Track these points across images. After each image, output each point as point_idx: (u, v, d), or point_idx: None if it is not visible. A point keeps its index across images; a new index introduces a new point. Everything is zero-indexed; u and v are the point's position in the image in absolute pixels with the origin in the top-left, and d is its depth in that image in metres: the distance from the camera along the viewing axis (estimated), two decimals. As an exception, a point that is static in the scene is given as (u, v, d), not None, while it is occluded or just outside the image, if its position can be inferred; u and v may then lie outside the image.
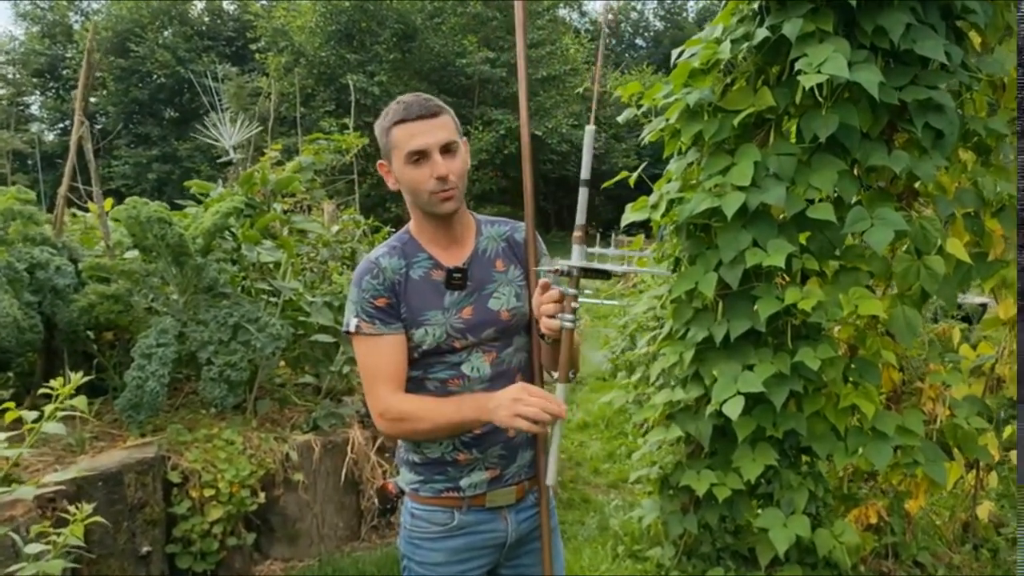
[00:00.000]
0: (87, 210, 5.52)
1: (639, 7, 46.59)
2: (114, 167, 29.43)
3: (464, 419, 1.76)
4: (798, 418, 3.64)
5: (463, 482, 1.91)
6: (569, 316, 1.74)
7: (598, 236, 18.74)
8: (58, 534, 2.01)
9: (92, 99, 33.91)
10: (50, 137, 33.95)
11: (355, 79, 22.39)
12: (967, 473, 4.06)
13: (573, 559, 3.96)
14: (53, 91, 35.07)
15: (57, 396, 1.85)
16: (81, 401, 1.87)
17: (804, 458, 3.80)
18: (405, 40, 25.27)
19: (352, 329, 1.84)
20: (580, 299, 1.82)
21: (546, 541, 1.92)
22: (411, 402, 1.81)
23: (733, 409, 3.47)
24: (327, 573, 3.82)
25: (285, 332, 4.07)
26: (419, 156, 1.78)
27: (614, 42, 46.43)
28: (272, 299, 4.44)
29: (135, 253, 4.20)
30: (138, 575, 3.43)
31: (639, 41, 46.01)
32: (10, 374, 4.28)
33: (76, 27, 35.17)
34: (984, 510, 3.98)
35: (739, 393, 3.52)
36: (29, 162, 27.80)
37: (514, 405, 1.65)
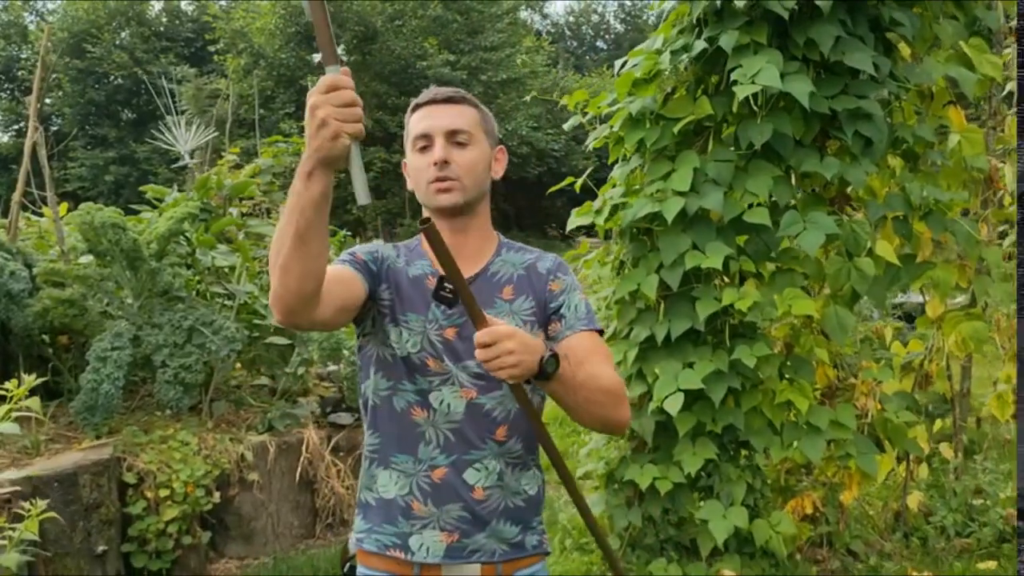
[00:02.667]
0: (41, 215, 5.53)
1: (600, 9, 47.00)
2: (70, 169, 29.04)
3: (291, 192, 1.36)
4: (736, 413, 3.80)
5: (412, 540, 1.60)
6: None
7: (559, 239, 18.91)
8: (13, 529, 2.08)
9: (48, 101, 33.39)
10: (4, 139, 33.38)
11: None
12: (898, 465, 4.25)
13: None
14: (8, 92, 34.50)
15: (11, 397, 1.93)
16: (35, 402, 1.95)
17: (743, 452, 3.96)
18: (365, 42, 25.27)
19: None
20: None
21: None
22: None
23: (673, 405, 3.62)
24: (282, 571, 3.90)
25: (240, 335, 4.16)
26: (424, 141, 1.63)
27: (575, 44, 46.75)
28: (227, 302, 4.51)
29: (90, 258, 4.24)
30: (94, 574, 3.49)
31: (600, 43, 46.41)
32: (-36, 378, 4.30)
33: (31, 27, 34.62)
34: (914, 500, 4.18)
35: (679, 390, 3.67)
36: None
37: (315, 118, 1.28)
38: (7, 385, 1.96)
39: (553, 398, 1.54)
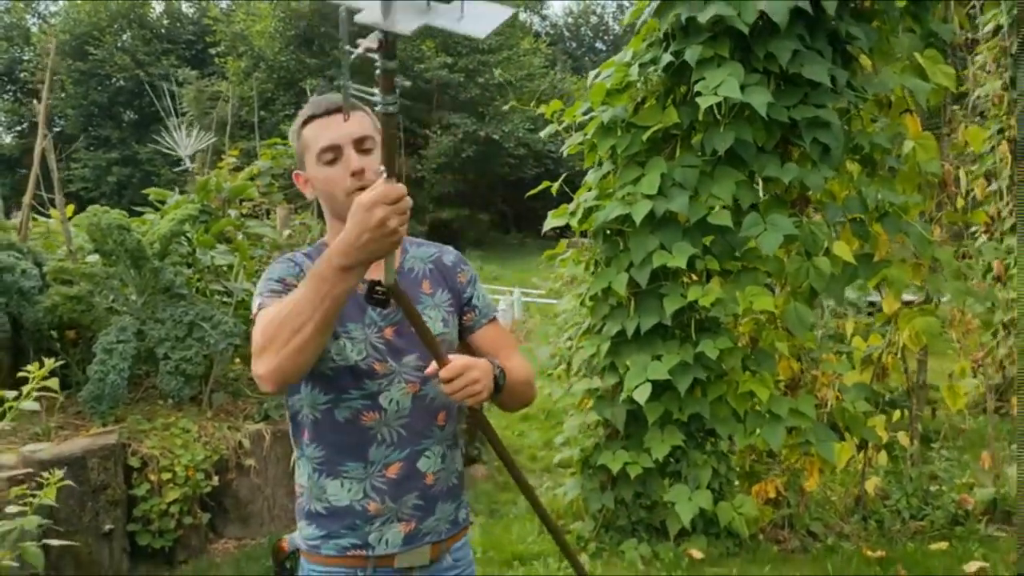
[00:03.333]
0: (48, 216, 5.80)
1: (599, 11, 47.20)
2: (74, 170, 29.28)
3: (322, 277, 1.38)
4: (702, 403, 4.07)
5: (372, 538, 1.65)
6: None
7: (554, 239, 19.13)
8: (34, 495, 2.35)
9: (50, 102, 33.65)
10: (7, 140, 33.66)
11: (314, 83, 22.60)
12: (858, 453, 4.50)
13: (503, 534, 4.36)
14: (10, 94, 34.76)
15: (33, 378, 2.19)
16: (54, 382, 2.20)
17: (709, 439, 4.21)
18: (365, 45, 25.52)
19: (256, 309, 1.58)
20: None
21: None
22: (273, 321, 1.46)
23: (641, 395, 3.90)
24: (277, 549, 4.16)
25: (238, 329, 4.42)
26: (332, 153, 1.62)
27: (574, 45, 46.97)
28: (226, 299, 4.77)
29: (96, 257, 4.51)
30: (102, 551, 3.76)
31: (599, 44, 46.62)
32: (-23, 371, 4.56)
33: (34, 30, 34.88)
34: (871, 484, 4.43)
35: (648, 380, 3.93)
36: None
37: (373, 219, 1.31)
38: (29, 368, 2.22)
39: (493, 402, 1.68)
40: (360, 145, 1.62)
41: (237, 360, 5.10)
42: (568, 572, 3.92)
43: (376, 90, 1.29)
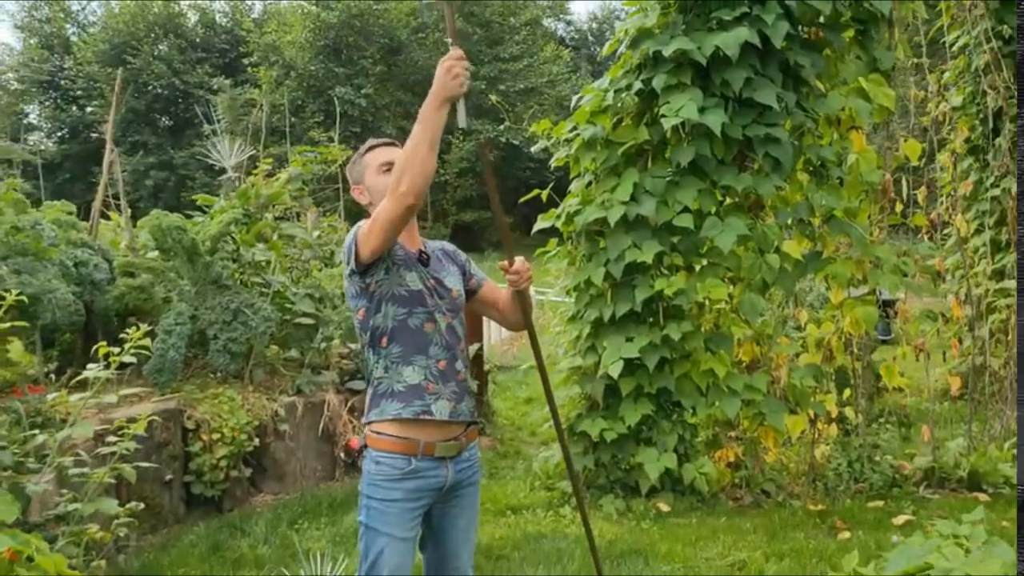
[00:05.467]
0: (108, 217, 6.62)
1: (623, 16, 47.73)
2: (113, 174, 30.38)
3: (426, 114, 2.16)
4: (668, 378, 4.78)
5: (433, 407, 2.35)
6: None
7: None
8: (122, 434, 3.11)
9: (89, 109, 34.94)
10: (49, 145, 34.93)
11: (343, 91, 23.51)
12: (811, 426, 5.17)
13: (500, 491, 5.08)
14: (52, 100, 36.04)
15: (131, 339, 2.95)
16: (146, 342, 2.96)
17: (675, 410, 4.90)
18: (391, 54, 26.47)
19: (362, 223, 2.33)
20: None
21: None
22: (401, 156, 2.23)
23: (614, 370, 4.59)
24: (307, 501, 4.92)
25: (274, 316, 5.19)
26: (387, 166, 2.39)
27: (598, 50, 47.54)
28: (264, 290, 5.54)
29: (156, 253, 5.29)
30: (163, 496, 4.53)
31: (623, 49, 47.16)
32: (54, 351, 5.35)
33: (74, 39, 36.13)
34: (820, 452, 5.10)
35: (621, 359, 4.63)
36: (28, 169, 28.76)
37: (448, 72, 2.15)
38: (129, 330, 2.98)
39: (517, 305, 2.55)
40: None
41: (273, 344, 5.87)
42: (547, 521, 4.64)
43: None
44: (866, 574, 2.82)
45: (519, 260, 2.45)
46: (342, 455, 5.37)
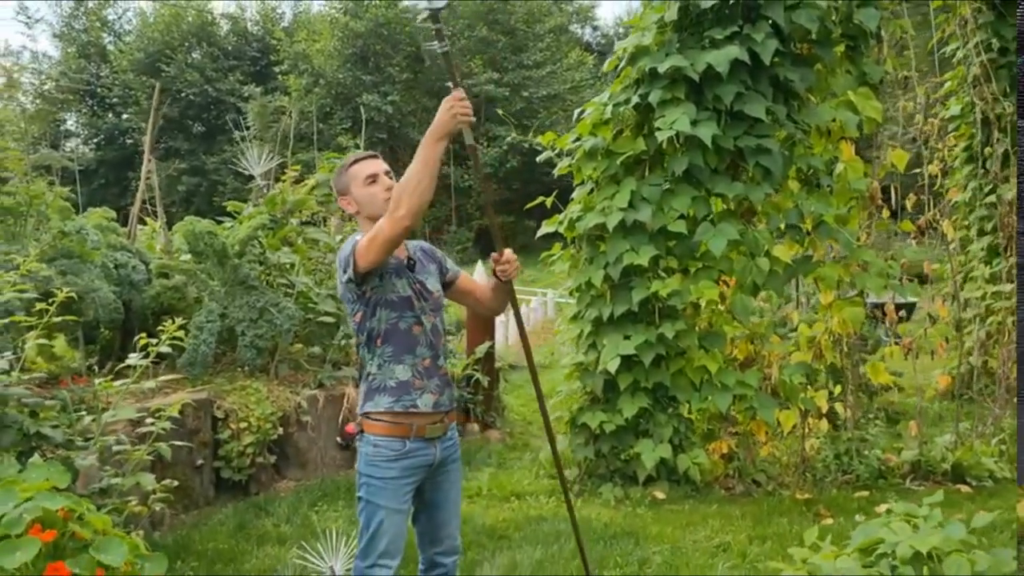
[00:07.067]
0: (145, 223, 7.05)
1: (643, 24, 47.80)
2: (149, 181, 31.14)
3: (426, 146, 2.43)
4: (664, 374, 5.09)
5: (419, 401, 2.64)
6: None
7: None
8: (159, 416, 3.50)
9: (124, 116, 35.79)
10: (86, 151, 35.82)
11: (369, 98, 23.98)
12: (802, 421, 5.45)
13: (507, 478, 5.43)
14: (88, 107, 36.94)
15: (168, 330, 3.33)
16: (180, 334, 3.34)
17: (671, 404, 5.20)
18: (416, 62, 26.97)
19: (359, 237, 2.59)
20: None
21: None
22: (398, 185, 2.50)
23: (612, 366, 4.91)
24: (327, 486, 5.29)
25: (298, 315, 5.58)
26: (372, 178, 2.65)
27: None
28: (289, 290, 5.93)
29: (189, 256, 5.70)
30: (194, 480, 4.92)
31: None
32: (95, 347, 5.78)
33: (110, 48, 37.00)
34: (810, 445, 5.39)
35: (618, 355, 4.95)
36: (66, 174, 29.60)
37: (451, 110, 2.45)
38: (164, 324, 3.37)
39: (501, 293, 2.86)
40: (387, 174, 2.71)
41: (298, 343, 6.26)
42: (549, 506, 4.97)
43: (435, 42, 2.62)
44: (823, 548, 3.13)
45: (507, 252, 2.74)
46: (339, 439, 5.73)
